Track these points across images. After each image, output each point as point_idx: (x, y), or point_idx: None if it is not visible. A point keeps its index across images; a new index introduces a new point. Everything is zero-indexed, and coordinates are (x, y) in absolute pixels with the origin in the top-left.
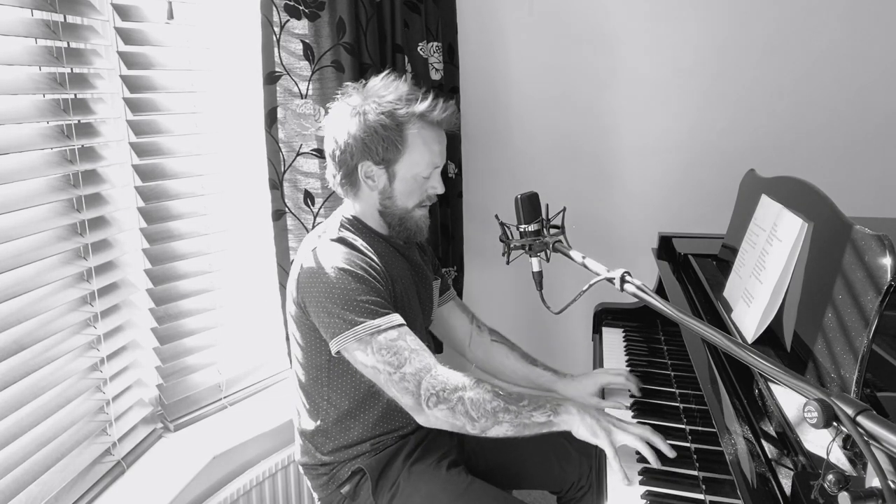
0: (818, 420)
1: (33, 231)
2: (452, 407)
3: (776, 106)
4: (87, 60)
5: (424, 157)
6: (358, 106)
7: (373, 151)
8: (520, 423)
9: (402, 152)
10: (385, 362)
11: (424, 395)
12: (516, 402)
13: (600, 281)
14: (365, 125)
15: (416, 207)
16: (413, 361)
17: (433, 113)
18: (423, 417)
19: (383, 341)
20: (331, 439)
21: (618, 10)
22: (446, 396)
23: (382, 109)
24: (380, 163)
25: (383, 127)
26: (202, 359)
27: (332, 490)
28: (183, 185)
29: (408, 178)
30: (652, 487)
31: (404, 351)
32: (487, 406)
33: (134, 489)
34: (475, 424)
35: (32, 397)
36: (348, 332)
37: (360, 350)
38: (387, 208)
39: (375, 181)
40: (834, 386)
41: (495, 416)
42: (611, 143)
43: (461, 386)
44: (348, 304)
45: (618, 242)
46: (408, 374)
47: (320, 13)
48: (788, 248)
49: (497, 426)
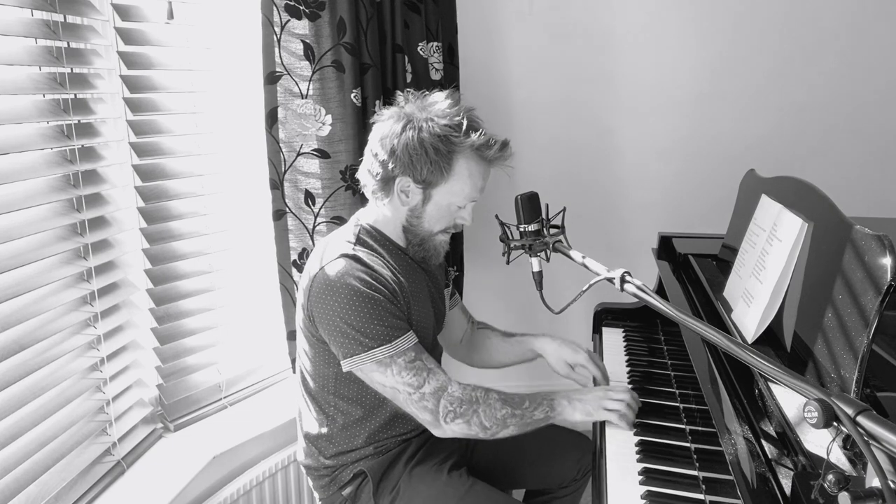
0: (818, 420)
1: (33, 231)
2: (468, 420)
3: (776, 106)
4: (87, 60)
5: (465, 190)
6: (415, 120)
7: (416, 170)
8: (524, 423)
9: (445, 179)
10: (405, 383)
11: (443, 413)
12: (519, 405)
13: (600, 281)
14: (416, 142)
15: (441, 232)
16: (431, 381)
17: (487, 151)
18: (440, 431)
19: (402, 363)
20: (335, 444)
21: (618, 11)
22: (462, 412)
23: (438, 132)
24: (420, 182)
25: (435, 150)
26: (202, 359)
27: (333, 492)
28: (183, 185)
29: (442, 205)
30: (652, 487)
31: (423, 372)
32: (497, 415)
33: (134, 489)
34: (486, 431)
35: (32, 397)
36: (364, 355)
37: (380, 372)
38: (412, 226)
39: (409, 198)
40: (834, 386)
41: (504, 422)
42: (611, 143)
43: (474, 399)
44: (363, 327)
45: (618, 242)
46: (427, 394)
47: (321, 13)
48: (788, 248)
49: (505, 430)
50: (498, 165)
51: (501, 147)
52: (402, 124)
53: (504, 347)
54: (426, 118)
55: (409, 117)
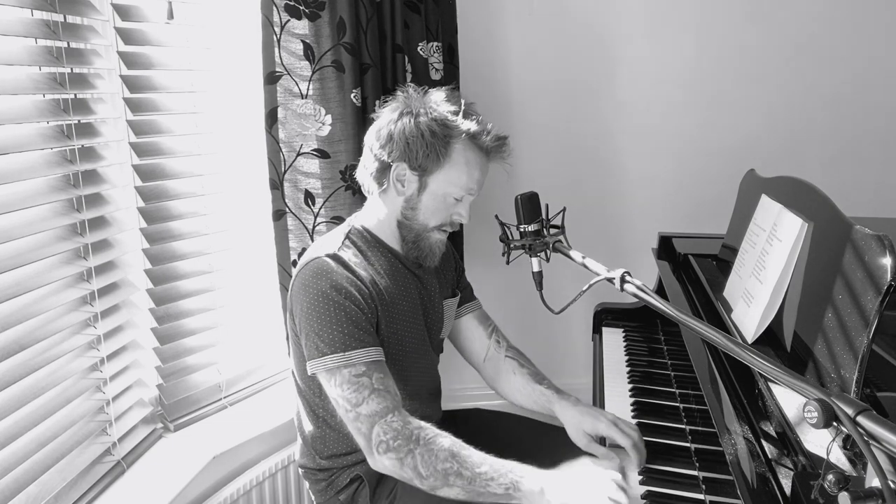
0: (818, 420)
1: (33, 231)
2: (401, 459)
3: (777, 106)
4: (87, 60)
5: (462, 178)
6: (412, 107)
7: (413, 154)
8: (473, 490)
9: (441, 165)
10: (344, 397)
11: (375, 441)
12: (473, 467)
13: (600, 281)
14: (413, 126)
15: (436, 230)
16: (371, 402)
17: (484, 137)
18: (373, 461)
19: (347, 375)
20: (328, 445)
21: (619, 11)
22: (395, 447)
23: (435, 116)
24: (416, 169)
25: (431, 133)
26: (202, 359)
27: (330, 496)
28: (183, 185)
29: (438, 195)
30: (652, 487)
31: (365, 389)
32: (438, 466)
33: (134, 489)
34: (423, 481)
35: (32, 397)
36: (317, 360)
37: (326, 379)
38: (407, 219)
39: (405, 187)
40: (834, 386)
41: (445, 477)
42: (611, 143)
43: (414, 438)
44: (322, 331)
45: (618, 242)
46: (362, 415)
47: (320, 13)
48: (788, 248)
49: (447, 488)
50: (496, 159)
51: (498, 137)
52: (399, 112)
53: (527, 391)
54: (423, 105)
55: (407, 106)
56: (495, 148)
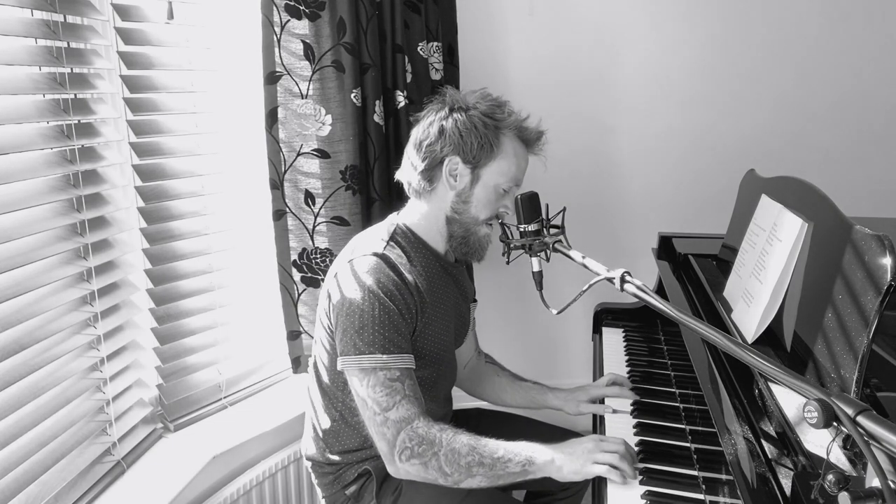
0: (818, 420)
1: (33, 231)
2: (425, 463)
3: (776, 106)
4: (87, 60)
5: (511, 169)
6: (461, 102)
7: (467, 146)
8: (494, 475)
9: (493, 156)
10: (374, 399)
11: (399, 448)
12: (491, 454)
13: (600, 281)
14: (465, 119)
15: (485, 224)
16: (400, 408)
17: (529, 130)
18: (394, 468)
19: (382, 378)
20: (342, 441)
21: (618, 11)
22: (420, 452)
23: (485, 110)
24: (468, 161)
25: (484, 125)
26: (202, 359)
27: (337, 490)
28: (183, 185)
29: (489, 186)
30: (652, 487)
31: (397, 395)
32: (462, 461)
33: (134, 489)
34: (448, 478)
35: (32, 397)
36: (352, 358)
37: (358, 378)
38: (458, 214)
39: (457, 181)
40: (834, 386)
41: (469, 470)
42: (611, 143)
43: (437, 442)
44: (363, 330)
45: (618, 242)
46: (390, 420)
47: (321, 13)
48: (788, 248)
49: (470, 479)
50: (534, 152)
51: (539, 131)
52: (448, 108)
53: (514, 388)
54: (470, 101)
55: (455, 102)
56: (537, 141)
